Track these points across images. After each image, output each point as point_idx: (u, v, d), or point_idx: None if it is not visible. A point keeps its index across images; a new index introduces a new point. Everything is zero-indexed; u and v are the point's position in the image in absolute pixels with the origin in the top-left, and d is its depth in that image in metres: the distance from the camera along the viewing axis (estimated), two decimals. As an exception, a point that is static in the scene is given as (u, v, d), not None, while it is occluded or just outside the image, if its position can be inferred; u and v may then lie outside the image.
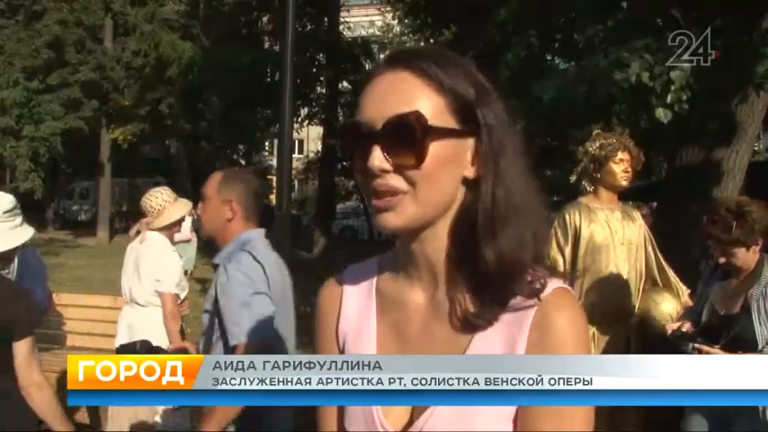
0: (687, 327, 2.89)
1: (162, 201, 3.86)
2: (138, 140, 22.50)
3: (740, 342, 2.66)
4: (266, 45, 22.63)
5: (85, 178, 28.32)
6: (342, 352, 1.03)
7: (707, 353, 2.65)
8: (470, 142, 0.91)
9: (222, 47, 19.34)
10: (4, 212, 2.49)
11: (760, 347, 2.62)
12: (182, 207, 3.94)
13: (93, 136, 21.93)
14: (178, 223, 3.98)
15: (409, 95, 0.88)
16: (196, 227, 13.76)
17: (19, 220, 2.57)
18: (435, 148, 0.87)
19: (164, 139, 25.74)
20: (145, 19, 20.71)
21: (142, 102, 20.67)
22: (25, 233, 2.57)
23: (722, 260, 2.79)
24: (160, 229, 3.87)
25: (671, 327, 2.97)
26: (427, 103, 0.88)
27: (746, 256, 2.75)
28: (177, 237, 13.86)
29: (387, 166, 0.87)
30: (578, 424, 0.87)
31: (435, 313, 0.95)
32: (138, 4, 21.32)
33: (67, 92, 19.74)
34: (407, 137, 0.86)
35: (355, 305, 1.03)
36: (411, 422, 0.93)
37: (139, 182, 23.16)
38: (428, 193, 0.88)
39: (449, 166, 0.89)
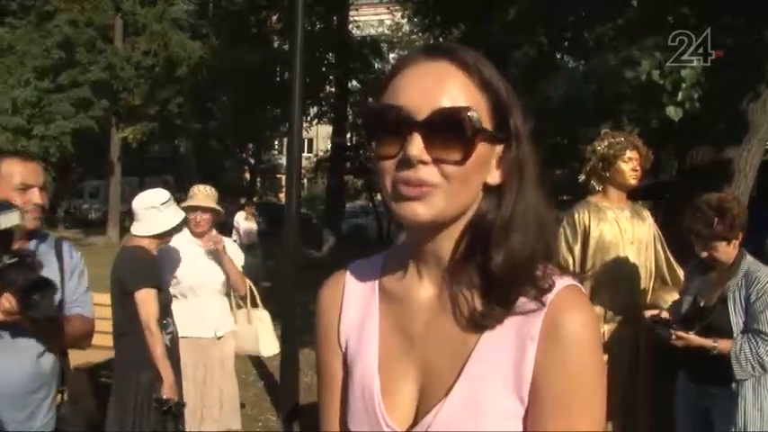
0: (665, 315, 3.10)
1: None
2: (148, 140, 22.59)
3: (714, 330, 2.86)
4: (275, 44, 22.67)
5: (96, 177, 28.48)
6: (344, 351, 1.02)
7: (681, 338, 2.87)
8: (499, 148, 0.91)
9: (231, 46, 19.39)
10: (162, 204, 3.44)
11: (735, 335, 2.80)
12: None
13: (103, 135, 22.03)
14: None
15: (458, 90, 0.86)
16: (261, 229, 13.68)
17: (171, 209, 3.49)
18: (479, 149, 0.87)
19: (173, 139, 25.82)
20: (155, 19, 20.77)
21: (152, 101, 20.74)
22: (176, 218, 3.50)
23: (704, 254, 2.95)
24: None
25: (650, 313, 3.13)
26: (474, 102, 0.87)
27: (727, 250, 2.89)
28: (246, 240, 13.33)
29: (426, 157, 0.85)
30: (589, 424, 0.86)
31: (442, 309, 0.93)
32: (148, 3, 21.39)
33: (78, 91, 19.83)
34: (457, 132, 0.85)
35: (357, 302, 1.02)
36: (416, 421, 0.92)
37: (149, 181, 23.28)
38: (460, 192, 0.87)
39: (480, 168, 0.89)
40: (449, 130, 0.84)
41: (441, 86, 0.86)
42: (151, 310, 3.35)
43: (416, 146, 0.84)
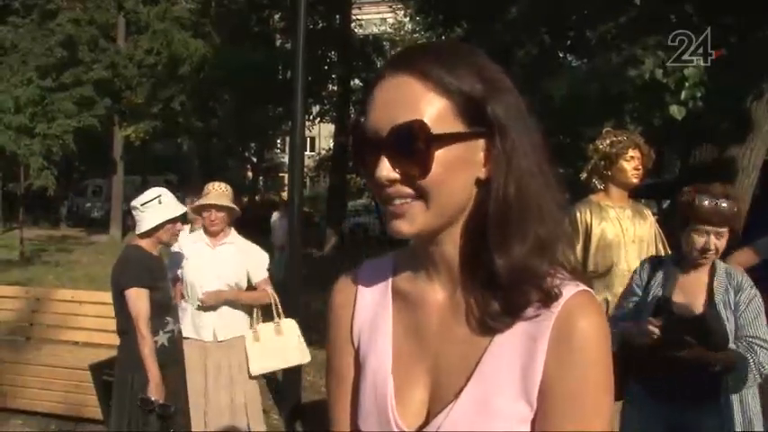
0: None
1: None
2: (151, 138, 22.59)
3: (713, 340, 2.52)
4: (278, 43, 22.67)
5: (98, 176, 28.50)
6: (357, 350, 1.02)
7: (701, 355, 2.50)
8: (482, 142, 0.88)
9: (234, 45, 19.39)
10: (143, 204, 3.46)
11: (730, 343, 2.52)
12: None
13: (105, 134, 22.05)
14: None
15: (412, 102, 0.85)
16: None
17: (153, 207, 3.46)
18: (442, 156, 0.85)
19: (176, 137, 25.83)
20: (157, 17, 20.77)
21: (154, 100, 20.74)
22: (164, 214, 3.47)
23: (712, 245, 2.56)
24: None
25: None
26: (431, 109, 0.85)
27: (724, 242, 2.59)
28: (279, 241, 12.71)
29: (394, 175, 0.86)
30: (598, 425, 0.86)
31: (454, 312, 0.93)
32: (151, 2, 21.40)
33: (80, 90, 19.82)
34: (411, 147, 0.84)
35: (370, 302, 1.02)
36: (427, 422, 0.92)
37: (151, 179, 23.31)
38: (439, 200, 0.86)
39: (459, 170, 0.87)
40: (404, 146, 0.84)
41: (396, 102, 0.86)
42: (140, 310, 3.36)
43: (383, 167, 0.86)
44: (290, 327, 4.23)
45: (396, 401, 0.94)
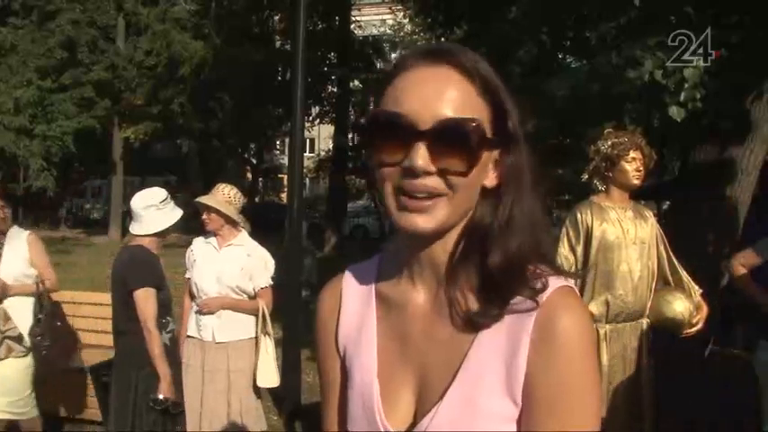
0: None
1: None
2: (151, 139, 22.60)
3: None
4: (277, 44, 22.67)
5: (98, 177, 28.52)
6: (343, 356, 1.03)
7: None
8: (496, 151, 0.91)
9: (233, 46, 19.39)
10: (161, 202, 3.52)
11: None
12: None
13: (105, 135, 22.07)
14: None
15: (461, 98, 0.86)
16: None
17: (169, 207, 3.56)
18: (482, 158, 0.87)
19: (175, 138, 25.83)
20: (157, 18, 20.78)
21: (154, 101, 20.75)
22: (175, 215, 3.57)
23: None
24: None
25: None
26: (479, 111, 0.87)
27: None
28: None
29: (431, 167, 0.84)
30: (582, 424, 0.85)
31: (437, 313, 0.93)
32: (150, 3, 21.41)
33: (80, 91, 19.86)
34: (463, 144, 0.85)
35: (355, 308, 1.03)
36: (414, 423, 0.92)
37: (151, 180, 23.30)
38: (463, 200, 0.88)
39: (481, 175, 0.89)
40: (454, 142, 0.84)
41: (444, 95, 0.85)
42: (150, 310, 3.36)
43: (422, 156, 0.84)
44: (270, 348, 4.13)
45: (383, 404, 0.95)
